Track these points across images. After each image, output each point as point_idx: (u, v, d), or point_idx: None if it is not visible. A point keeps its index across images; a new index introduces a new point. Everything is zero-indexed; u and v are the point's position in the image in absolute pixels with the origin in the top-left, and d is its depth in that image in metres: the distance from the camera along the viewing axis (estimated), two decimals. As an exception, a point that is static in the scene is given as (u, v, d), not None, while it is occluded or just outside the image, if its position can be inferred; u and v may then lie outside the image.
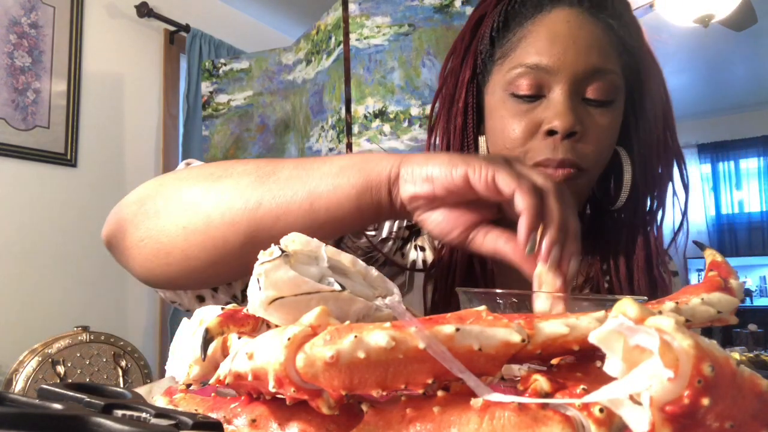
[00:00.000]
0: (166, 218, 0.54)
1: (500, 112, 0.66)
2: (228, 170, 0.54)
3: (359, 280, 0.35)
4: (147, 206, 0.55)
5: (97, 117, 2.41)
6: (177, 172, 0.58)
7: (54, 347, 1.49)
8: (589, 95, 0.63)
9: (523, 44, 0.64)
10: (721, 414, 0.18)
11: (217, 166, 0.56)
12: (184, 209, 0.53)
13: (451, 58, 0.74)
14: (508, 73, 0.65)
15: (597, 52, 0.62)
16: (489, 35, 0.68)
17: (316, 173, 0.51)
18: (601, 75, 0.62)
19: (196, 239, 0.53)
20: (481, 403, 0.22)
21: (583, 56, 0.62)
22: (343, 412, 0.25)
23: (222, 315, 0.31)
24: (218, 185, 0.53)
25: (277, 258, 0.30)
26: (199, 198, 0.53)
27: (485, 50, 0.69)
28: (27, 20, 2.18)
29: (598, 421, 0.21)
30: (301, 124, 2.30)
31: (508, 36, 0.66)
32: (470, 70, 0.70)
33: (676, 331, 0.18)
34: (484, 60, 0.69)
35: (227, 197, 0.52)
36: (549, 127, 0.61)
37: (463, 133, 0.71)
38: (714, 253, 0.39)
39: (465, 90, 0.71)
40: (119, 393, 0.27)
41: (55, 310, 2.15)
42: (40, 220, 2.18)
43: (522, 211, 0.44)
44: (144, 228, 0.55)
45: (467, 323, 0.23)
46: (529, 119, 0.63)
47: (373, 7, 1.97)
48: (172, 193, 0.55)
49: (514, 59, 0.65)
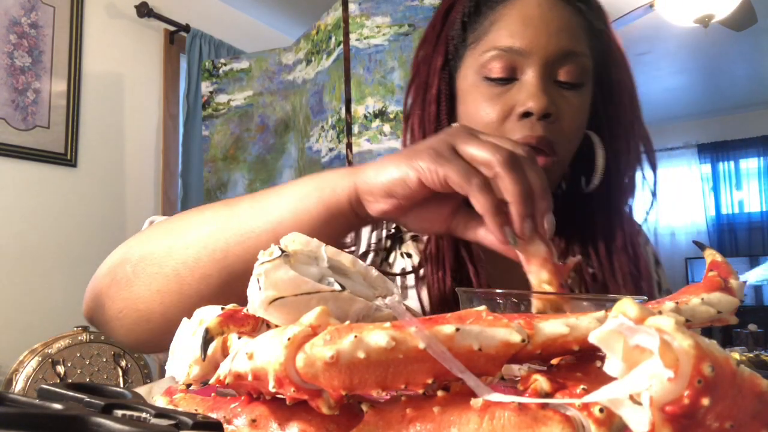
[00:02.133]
0: (138, 285, 0.53)
1: (473, 95, 0.66)
2: (187, 223, 0.53)
3: (359, 280, 0.35)
4: (118, 276, 0.54)
5: (97, 117, 2.41)
6: (140, 235, 0.58)
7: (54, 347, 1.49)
8: (561, 77, 0.63)
9: (496, 27, 0.64)
10: (721, 414, 0.18)
11: (176, 220, 0.55)
12: (153, 272, 0.53)
13: (422, 47, 0.74)
14: (480, 56, 0.65)
15: (568, 35, 0.63)
16: (460, 20, 0.68)
17: (274, 206, 0.50)
18: (573, 57, 0.63)
19: (172, 300, 0.52)
20: (481, 403, 0.22)
21: (555, 39, 0.62)
22: (343, 412, 0.25)
23: (222, 315, 0.31)
24: (181, 241, 0.52)
25: (277, 258, 0.30)
26: (165, 259, 0.52)
27: (457, 35, 0.69)
28: (27, 20, 2.18)
29: (598, 421, 0.21)
30: (301, 124, 2.30)
31: (479, 20, 0.67)
32: (442, 57, 0.70)
33: (676, 331, 0.18)
34: (456, 45, 0.69)
35: (193, 252, 0.51)
36: (523, 109, 0.62)
37: (437, 120, 0.70)
38: (714, 253, 0.39)
39: (438, 77, 0.70)
40: (119, 393, 0.27)
41: (55, 310, 2.15)
42: (40, 220, 2.18)
43: (482, 213, 0.44)
44: (119, 299, 0.54)
45: (467, 323, 0.23)
46: (503, 102, 0.64)
47: (373, 7, 1.97)
48: (139, 258, 0.54)
49: (486, 42, 0.65)
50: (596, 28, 0.67)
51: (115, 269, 0.55)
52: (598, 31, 0.67)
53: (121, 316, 0.55)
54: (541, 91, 0.61)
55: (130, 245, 0.56)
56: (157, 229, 0.56)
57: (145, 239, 0.55)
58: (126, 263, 0.54)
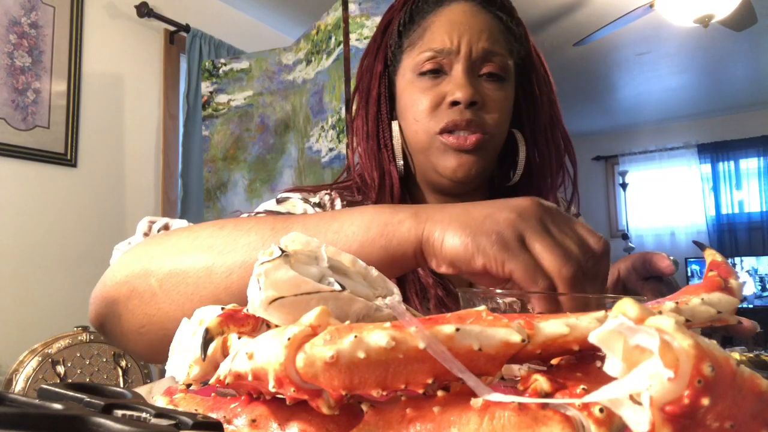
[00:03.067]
0: (166, 302, 0.49)
1: (409, 89, 0.76)
2: (228, 242, 0.49)
3: (359, 280, 0.35)
4: (140, 288, 0.51)
5: (97, 117, 2.41)
6: (159, 243, 0.53)
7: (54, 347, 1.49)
8: (484, 71, 0.74)
9: (428, 33, 0.75)
10: (721, 414, 0.18)
11: (213, 235, 0.50)
12: (187, 293, 0.49)
13: (365, 58, 0.84)
14: (416, 57, 0.75)
15: (488, 37, 0.74)
16: (397, 30, 0.79)
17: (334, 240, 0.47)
18: (493, 55, 0.74)
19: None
20: (481, 403, 0.22)
21: (477, 39, 0.73)
22: (343, 412, 0.25)
23: (222, 315, 0.31)
24: (222, 264, 0.48)
25: (277, 258, 0.30)
26: (203, 281, 0.48)
27: (394, 43, 0.80)
28: (27, 20, 2.18)
29: (598, 421, 0.21)
30: (301, 124, 2.30)
31: (413, 28, 0.78)
32: (381, 63, 0.81)
33: (676, 331, 0.18)
34: (394, 51, 0.80)
35: (236, 278, 0.47)
36: (452, 98, 0.72)
37: (377, 119, 0.80)
38: (714, 253, 0.39)
39: (378, 81, 0.81)
40: (119, 393, 0.27)
41: (55, 310, 2.15)
42: (40, 220, 2.18)
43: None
44: (141, 314, 0.50)
45: (467, 323, 0.23)
46: (435, 92, 0.74)
47: (373, 7, 1.97)
48: (168, 273, 0.50)
49: (421, 46, 0.75)
50: (515, 34, 0.78)
51: (134, 279, 0.51)
52: (517, 36, 0.78)
53: (143, 332, 0.51)
54: (467, 83, 0.72)
55: (152, 254, 0.51)
56: (186, 239, 0.51)
57: (172, 250, 0.51)
58: (150, 275, 0.50)
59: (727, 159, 5.36)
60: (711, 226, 5.34)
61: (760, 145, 5.20)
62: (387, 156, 0.79)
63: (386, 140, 0.79)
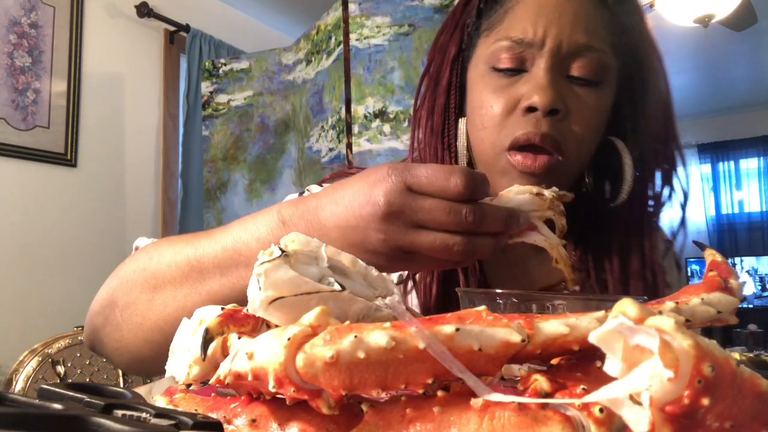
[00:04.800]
0: (126, 331, 0.54)
1: (480, 86, 0.63)
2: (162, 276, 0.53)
3: (359, 280, 0.35)
4: (109, 318, 0.55)
5: (97, 117, 2.41)
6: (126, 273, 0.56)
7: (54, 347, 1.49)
8: (574, 73, 0.59)
9: (509, 16, 0.61)
10: (721, 414, 0.18)
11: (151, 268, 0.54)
12: (138, 323, 0.53)
13: (441, 35, 0.71)
14: (491, 45, 0.62)
15: (584, 28, 0.59)
16: (477, 7, 0.65)
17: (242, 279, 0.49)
18: (588, 51, 0.59)
19: (161, 349, 0.52)
20: (481, 403, 0.22)
21: (569, 30, 0.58)
22: (343, 412, 0.25)
23: (222, 315, 0.31)
24: (160, 297, 0.53)
25: (277, 258, 0.30)
26: (146, 312, 0.53)
27: (472, 23, 0.66)
28: (27, 20, 2.18)
29: (598, 421, 0.21)
30: (301, 124, 2.30)
31: (495, 8, 0.64)
32: (456, 46, 0.67)
33: (676, 331, 0.18)
34: (470, 34, 0.66)
35: (171, 311, 0.52)
36: (528, 103, 0.58)
37: (445, 114, 0.68)
38: (714, 253, 0.39)
39: (450, 68, 0.68)
40: (119, 393, 0.27)
41: (55, 310, 2.15)
42: (40, 220, 2.18)
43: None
44: (113, 340, 0.56)
45: (467, 323, 0.23)
46: (509, 94, 0.60)
47: (373, 7, 1.97)
48: (124, 305, 0.55)
49: (499, 32, 0.62)
50: (624, 24, 0.61)
51: (105, 310, 0.56)
52: (627, 27, 0.62)
53: (117, 355, 0.57)
54: (549, 85, 0.57)
55: (115, 288, 0.56)
56: (138, 270, 0.55)
57: (128, 284, 0.55)
58: (115, 307, 0.55)
59: (727, 159, 5.36)
60: (711, 226, 5.34)
61: (760, 145, 5.20)
62: (449, 159, 0.67)
63: (451, 139, 0.67)
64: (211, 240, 0.52)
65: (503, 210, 0.44)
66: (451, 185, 0.42)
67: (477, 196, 0.43)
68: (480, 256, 0.45)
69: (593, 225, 0.68)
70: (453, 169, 0.43)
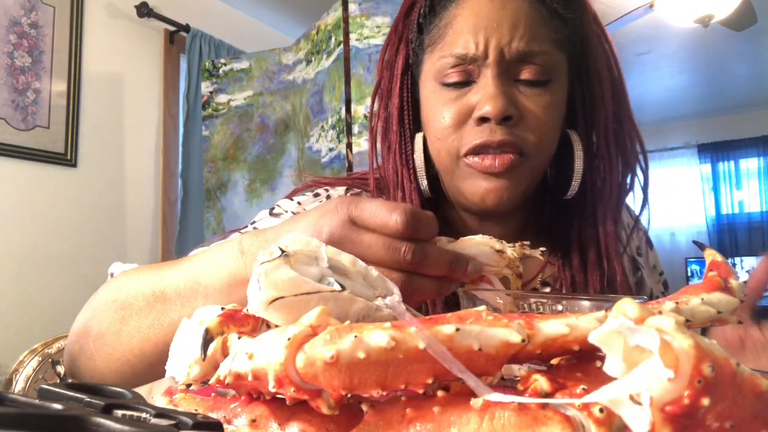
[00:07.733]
0: (99, 361, 0.54)
1: (431, 101, 0.63)
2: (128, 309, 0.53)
3: (359, 280, 0.35)
4: (84, 347, 0.55)
5: (97, 117, 2.41)
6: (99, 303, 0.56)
7: (54, 347, 1.49)
8: (522, 76, 0.59)
9: (450, 31, 0.61)
10: (721, 414, 0.18)
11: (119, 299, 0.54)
12: (108, 353, 0.53)
13: (386, 49, 0.70)
14: (437, 62, 0.62)
15: (524, 33, 0.58)
16: (417, 23, 0.65)
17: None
18: (531, 56, 0.59)
19: (132, 379, 0.53)
20: (481, 403, 0.22)
21: (508, 38, 0.58)
22: (343, 412, 0.25)
23: (222, 315, 0.31)
24: (126, 329, 0.52)
25: (277, 258, 0.30)
26: (115, 344, 0.53)
27: (415, 39, 0.66)
28: (27, 20, 2.18)
29: (598, 421, 0.21)
30: (301, 124, 2.30)
31: (435, 22, 0.63)
32: (403, 61, 0.67)
33: (676, 331, 0.18)
34: (415, 49, 0.66)
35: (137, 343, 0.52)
36: (480, 113, 0.58)
37: (400, 131, 0.68)
38: (714, 253, 0.39)
39: (399, 83, 0.67)
40: (119, 393, 0.27)
41: (55, 310, 2.15)
42: (40, 220, 2.18)
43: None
44: (88, 369, 0.56)
45: (467, 323, 0.23)
46: (460, 105, 0.60)
47: (373, 7, 1.97)
48: (96, 335, 0.54)
49: (443, 48, 0.61)
50: (565, 16, 0.61)
51: (81, 339, 0.56)
52: (570, 19, 0.61)
53: (91, 378, 0.57)
54: (498, 94, 0.57)
55: (89, 318, 0.56)
56: (109, 301, 0.55)
57: (99, 314, 0.54)
58: (88, 336, 0.55)
59: (727, 159, 5.36)
60: (711, 226, 5.34)
61: (760, 145, 5.20)
62: (408, 175, 0.67)
63: (408, 155, 0.67)
64: (174, 270, 0.51)
65: (448, 254, 0.43)
66: (391, 222, 0.41)
67: (420, 235, 0.42)
68: (421, 297, 0.43)
69: (558, 217, 0.70)
70: (397, 206, 0.42)
